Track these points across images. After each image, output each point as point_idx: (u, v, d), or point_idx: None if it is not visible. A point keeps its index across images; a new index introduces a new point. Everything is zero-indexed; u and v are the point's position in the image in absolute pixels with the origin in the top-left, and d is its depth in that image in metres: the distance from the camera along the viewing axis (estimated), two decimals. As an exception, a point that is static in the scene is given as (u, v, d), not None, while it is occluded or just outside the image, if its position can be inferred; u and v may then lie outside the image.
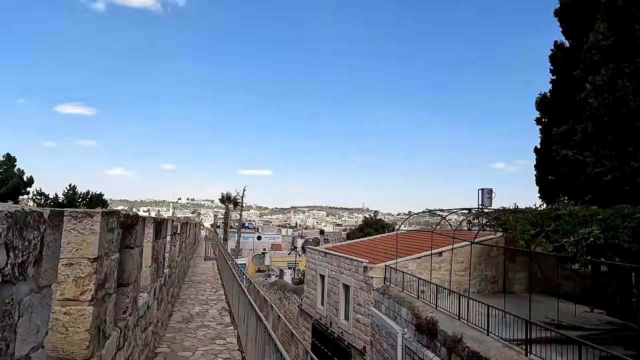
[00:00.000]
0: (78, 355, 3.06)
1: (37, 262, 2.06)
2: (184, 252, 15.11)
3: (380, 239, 23.49)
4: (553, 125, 21.19)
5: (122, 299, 4.48)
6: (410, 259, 16.90)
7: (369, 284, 16.07)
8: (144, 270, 6.14)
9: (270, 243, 71.30)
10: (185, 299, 12.29)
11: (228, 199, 58.81)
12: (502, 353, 8.10)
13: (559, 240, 9.38)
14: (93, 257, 3.14)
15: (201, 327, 9.18)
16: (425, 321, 10.61)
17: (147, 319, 6.22)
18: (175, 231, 10.67)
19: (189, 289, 14.15)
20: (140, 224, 4.90)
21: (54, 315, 3.05)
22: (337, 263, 18.87)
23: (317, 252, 21.49)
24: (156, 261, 6.92)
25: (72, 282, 3.09)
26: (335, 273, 18.89)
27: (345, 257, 18.22)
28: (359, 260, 17.08)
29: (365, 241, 24.38)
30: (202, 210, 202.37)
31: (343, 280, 18.11)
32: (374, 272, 16.16)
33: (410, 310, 12.06)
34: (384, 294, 14.72)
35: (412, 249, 18.23)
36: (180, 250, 13.35)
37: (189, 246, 20.26)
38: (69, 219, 3.14)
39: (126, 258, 4.57)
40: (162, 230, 7.34)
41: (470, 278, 17.40)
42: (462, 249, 17.96)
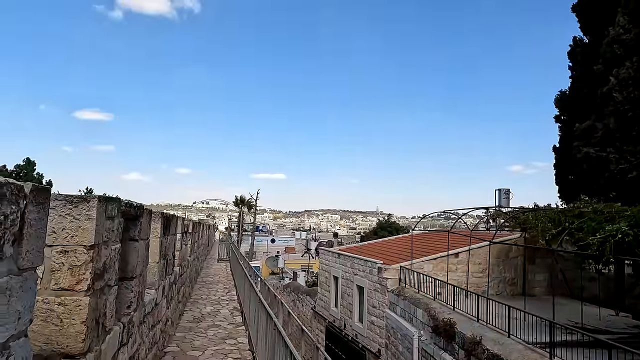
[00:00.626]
0: (73, 348, 2.87)
1: (17, 241, 1.86)
2: (196, 252, 15.01)
3: (394, 241, 23.11)
4: (573, 122, 20.59)
5: (125, 293, 4.31)
6: (425, 260, 16.50)
7: (383, 285, 15.73)
8: (151, 266, 5.98)
9: (284, 246, 71.29)
10: (197, 298, 12.15)
11: (242, 201, 58.97)
12: (525, 356, 7.71)
13: (584, 238, 8.94)
14: (89, 244, 2.95)
15: (212, 326, 9.00)
16: (443, 323, 10.25)
17: (154, 316, 6.06)
18: (186, 230, 10.54)
19: (201, 289, 14.03)
20: (145, 216, 4.73)
21: (48, 306, 2.87)
22: (351, 264, 18.56)
23: (330, 253, 21.22)
24: (165, 258, 6.76)
25: (67, 271, 2.91)
26: (349, 274, 18.59)
27: (359, 258, 17.92)
28: (373, 261, 16.76)
29: (379, 242, 24.02)
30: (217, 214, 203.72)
31: (357, 281, 17.80)
32: (389, 273, 15.82)
33: (427, 311, 11.70)
34: (399, 295, 14.37)
35: (427, 250, 17.83)
36: (192, 250, 13.24)
37: (202, 247, 20.20)
38: (64, 204, 2.96)
39: (130, 250, 4.40)
40: (170, 227, 7.18)
41: (489, 279, 16.93)
42: (480, 250, 17.51)
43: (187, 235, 10.86)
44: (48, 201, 2.16)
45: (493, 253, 17.53)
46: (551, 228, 11.55)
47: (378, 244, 23.05)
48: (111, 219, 3.38)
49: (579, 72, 22.36)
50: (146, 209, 4.84)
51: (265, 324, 6.00)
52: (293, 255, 60.14)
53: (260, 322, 6.56)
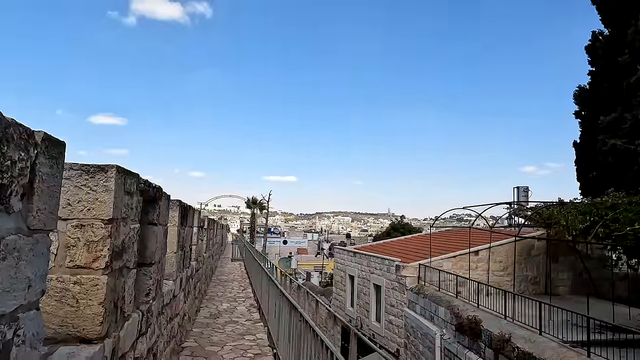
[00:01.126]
0: (91, 331, 2.61)
1: (27, 195, 1.60)
2: (211, 249, 14.81)
3: (411, 239, 22.67)
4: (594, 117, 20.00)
5: (144, 280, 4.05)
6: (445, 257, 16.08)
7: (402, 284, 15.34)
8: (169, 256, 5.73)
9: (296, 247, 71.10)
10: (212, 296, 11.92)
11: (254, 202, 58.91)
12: (560, 354, 7.29)
13: (621, 229, 8.49)
14: (107, 218, 2.69)
15: (229, 322, 8.74)
16: (467, 320, 9.86)
17: (172, 308, 5.81)
18: (202, 224, 10.32)
19: (217, 287, 13.80)
20: (164, 200, 4.48)
21: (63, 285, 2.62)
22: (367, 263, 18.21)
23: (346, 252, 20.88)
24: (182, 249, 6.52)
25: (84, 247, 2.65)
26: (366, 273, 18.22)
27: (376, 256, 17.55)
28: (391, 259, 16.38)
29: (395, 241, 23.61)
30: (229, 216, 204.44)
31: (374, 280, 17.43)
32: (407, 271, 15.43)
33: (449, 309, 11.30)
34: (418, 293, 13.98)
35: (446, 248, 17.40)
36: (208, 246, 13.03)
37: (217, 246, 20.03)
38: (80, 174, 2.71)
39: (148, 234, 4.14)
40: (188, 217, 6.94)
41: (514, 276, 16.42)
42: (501, 247, 17.04)
43: (202, 231, 10.64)
44: (62, 156, 1.90)
45: (513, 251, 17.03)
46: (579, 222, 11.08)
47: (394, 243, 22.64)
48: (130, 194, 3.12)
49: (599, 66, 21.75)
50: (165, 193, 4.59)
51: (287, 316, 5.72)
52: (306, 256, 59.91)
53: (282, 316, 6.27)
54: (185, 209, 6.44)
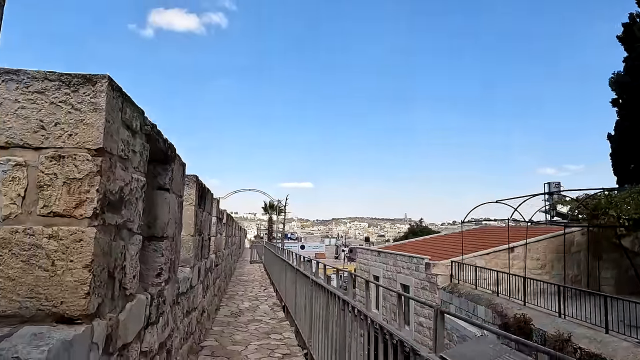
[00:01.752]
0: (72, 306, 1.81)
1: None
2: (230, 248, 14.09)
3: (438, 238, 21.60)
4: (633, 104, 18.75)
5: (153, 256, 3.28)
6: (478, 255, 15.03)
7: (432, 283, 14.35)
8: (186, 239, 4.97)
9: (313, 252, 70.15)
10: (233, 294, 11.16)
11: (271, 207, 58.42)
12: (638, 354, 6.27)
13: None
14: (95, 147, 1.91)
15: (252, 321, 7.94)
16: (515, 319, 8.85)
17: (190, 300, 5.03)
18: (220, 216, 9.59)
19: (237, 286, 13.05)
20: (177, 164, 3.71)
21: (33, 240, 1.83)
22: (393, 262, 17.25)
23: (370, 252, 19.94)
24: (200, 234, 5.75)
25: (63, 187, 1.87)
26: (392, 273, 17.26)
27: (403, 254, 16.59)
28: (420, 257, 15.41)
29: (420, 240, 22.57)
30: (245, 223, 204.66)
31: (401, 280, 16.45)
32: (438, 269, 14.44)
33: (491, 308, 10.30)
34: (452, 292, 12.97)
35: (477, 246, 16.34)
36: (227, 244, 12.31)
37: (235, 247, 19.34)
38: (58, 87, 1.93)
39: (159, 202, 3.37)
40: (206, 201, 6.18)
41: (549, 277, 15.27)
42: (538, 244, 15.92)
43: (221, 224, 9.91)
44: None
45: (552, 247, 15.89)
46: (633, 211, 9.99)
47: (419, 242, 21.61)
48: (131, 130, 2.34)
49: (638, 50, 20.48)
50: (179, 156, 3.83)
51: (325, 310, 4.89)
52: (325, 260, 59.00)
53: (316, 310, 5.44)
54: (203, 188, 5.69)
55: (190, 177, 5.02)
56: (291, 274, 8.55)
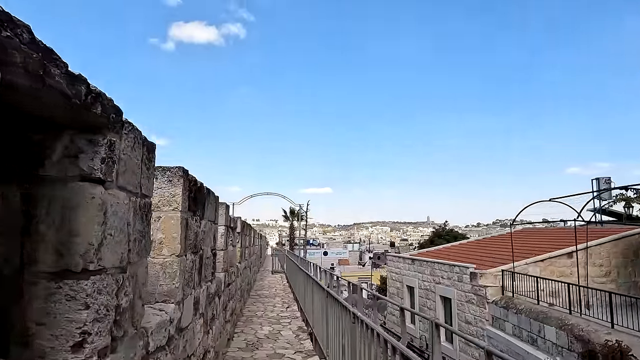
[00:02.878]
0: None
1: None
2: (248, 259, 12.54)
3: (477, 243, 19.57)
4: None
5: (67, 309, 1.68)
6: (531, 261, 13.06)
7: (480, 295, 12.46)
8: (167, 260, 3.38)
9: (337, 258, 68.43)
10: (250, 316, 9.57)
11: (292, 213, 57.01)
12: None
13: None
14: None
15: (273, 357, 6.31)
16: (606, 348, 6.94)
17: (179, 350, 3.43)
18: (232, 225, 8.02)
19: (255, 304, 11.46)
20: (129, 134, 2.10)
21: None
22: (430, 271, 15.39)
23: (402, 260, 18.10)
24: (195, 252, 4.15)
25: None
26: (429, 283, 15.40)
27: (442, 263, 14.71)
28: (464, 265, 13.52)
29: (457, 246, 20.57)
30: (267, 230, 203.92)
31: (441, 291, 14.58)
32: (486, 279, 12.54)
33: (566, 330, 8.39)
34: (507, 307, 11.07)
35: (528, 251, 14.34)
36: (243, 255, 10.75)
37: (255, 257, 17.80)
38: None
39: (80, 204, 1.79)
40: (206, 204, 4.59)
41: (615, 285, 13.17)
42: (598, 247, 13.82)
43: (234, 233, 8.34)
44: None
45: (618, 252, 13.75)
46: None
47: (456, 248, 19.63)
48: None
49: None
50: (130, 123, 2.23)
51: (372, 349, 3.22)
52: (348, 267, 57.10)
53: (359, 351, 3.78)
54: (197, 187, 4.08)
55: (172, 170, 3.44)
56: (319, 295, 6.90)
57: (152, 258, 3.39)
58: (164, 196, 3.43)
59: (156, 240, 3.38)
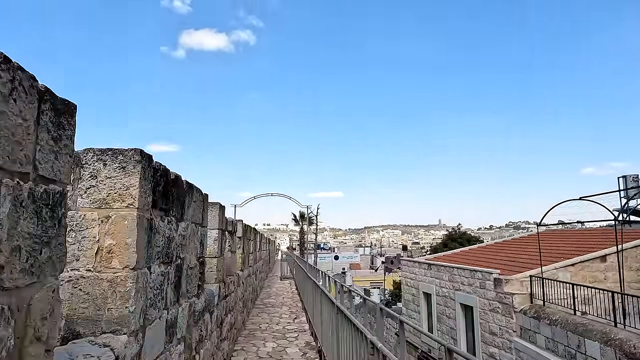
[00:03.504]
0: None
1: None
2: (253, 266, 11.66)
3: (498, 246, 18.41)
4: None
5: None
6: (560, 266, 11.95)
7: (506, 304, 11.39)
8: (119, 276, 2.49)
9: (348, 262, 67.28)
10: (253, 330, 8.65)
11: (302, 216, 56.09)
12: None
13: None
14: None
15: (275, 382, 5.39)
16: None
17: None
18: (230, 228, 7.14)
19: (260, 315, 10.55)
20: None
21: None
22: (449, 277, 14.33)
23: (417, 265, 17.05)
24: (167, 261, 3.24)
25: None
26: (448, 290, 14.34)
27: (462, 268, 13.65)
28: (487, 271, 12.45)
29: (475, 249, 19.44)
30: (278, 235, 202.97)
31: (461, 299, 13.52)
32: (512, 286, 11.46)
33: (613, 346, 7.33)
34: (538, 317, 10.00)
35: (555, 255, 13.21)
36: (246, 262, 9.87)
37: (262, 262, 16.92)
38: None
39: None
40: (184, 202, 3.69)
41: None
42: (635, 250, 12.67)
43: (233, 238, 7.46)
44: None
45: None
46: None
47: (472, 251, 18.51)
48: None
49: None
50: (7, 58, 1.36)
51: None
52: (360, 271, 55.92)
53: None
54: (167, 177, 3.18)
55: (126, 154, 2.55)
56: (329, 309, 5.98)
57: (97, 273, 2.51)
58: (115, 188, 2.55)
59: (104, 249, 2.51)
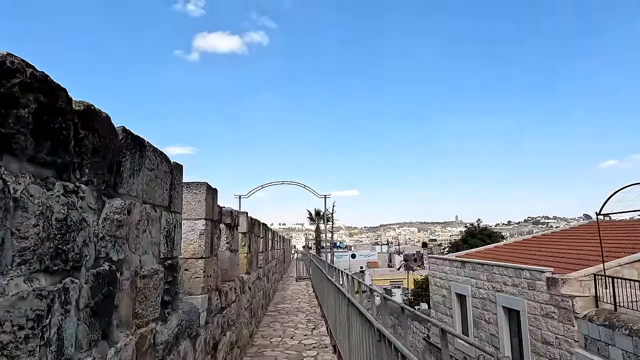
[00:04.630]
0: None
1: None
2: (264, 267, 10.09)
3: (537, 240, 16.47)
4: None
5: None
6: (626, 262, 10.09)
7: (565, 308, 9.59)
8: None
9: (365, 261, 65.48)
10: (262, 346, 7.06)
11: (317, 214, 54.53)
12: None
13: None
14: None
15: None
16: None
17: None
18: (229, 222, 5.56)
19: (272, 325, 8.97)
20: None
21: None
22: (487, 276, 12.55)
23: (448, 262, 15.28)
24: (65, 267, 1.65)
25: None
26: (486, 291, 12.56)
27: (505, 266, 11.85)
28: (536, 269, 10.65)
29: (511, 245, 17.53)
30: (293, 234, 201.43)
31: (504, 301, 11.73)
32: (571, 286, 9.65)
33: None
34: (612, 326, 8.19)
35: (615, 249, 11.32)
36: (254, 263, 8.30)
37: (275, 262, 15.36)
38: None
39: None
40: (122, 163, 2.09)
41: None
42: None
43: (233, 233, 5.87)
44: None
45: None
46: None
47: (510, 246, 16.62)
48: None
49: None
50: None
51: None
52: (378, 270, 54.08)
53: None
54: (50, 95, 1.59)
55: None
56: (359, 323, 4.36)
57: None
58: None
59: None
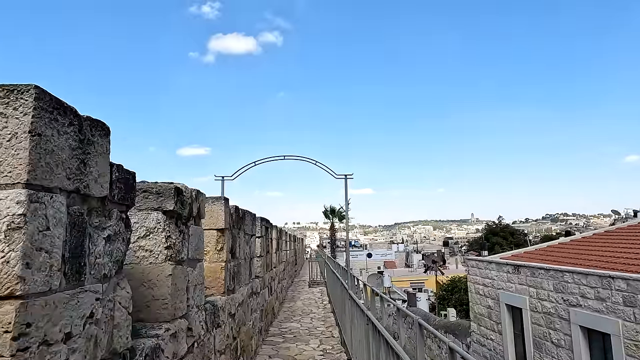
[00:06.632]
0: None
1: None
2: (264, 277, 7.54)
3: (595, 237, 13.51)
4: None
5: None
6: None
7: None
8: None
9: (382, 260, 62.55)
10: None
11: (332, 212, 51.88)
12: None
13: None
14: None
15: None
16: None
17: None
18: (173, 208, 3.00)
19: (279, 350, 6.36)
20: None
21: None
22: (554, 284, 9.75)
23: (494, 265, 12.47)
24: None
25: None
26: (554, 304, 9.77)
27: (584, 272, 9.03)
28: (636, 278, 7.83)
29: (557, 245, 14.65)
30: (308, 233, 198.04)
31: (583, 320, 8.92)
32: (696, 304, 6.86)
33: None
34: None
35: None
36: (242, 276, 5.76)
37: (282, 267, 12.81)
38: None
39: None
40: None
41: None
42: None
43: (193, 228, 3.28)
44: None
45: None
46: None
47: (568, 245, 13.74)
48: None
49: None
50: None
51: None
52: (397, 270, 51.19)
53: None
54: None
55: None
56: None
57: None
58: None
59: None
